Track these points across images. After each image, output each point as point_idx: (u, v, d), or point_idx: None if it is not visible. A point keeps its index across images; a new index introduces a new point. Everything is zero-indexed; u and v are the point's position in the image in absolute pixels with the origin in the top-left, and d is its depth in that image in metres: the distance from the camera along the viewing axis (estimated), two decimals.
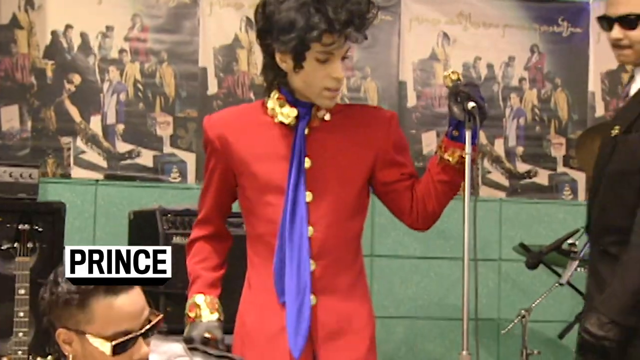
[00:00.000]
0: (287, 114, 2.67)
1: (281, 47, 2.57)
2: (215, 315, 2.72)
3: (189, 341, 2.68)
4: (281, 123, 2.68)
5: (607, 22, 2.88)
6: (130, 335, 2.29)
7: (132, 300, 2.30)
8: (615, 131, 2.89)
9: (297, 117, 2.68)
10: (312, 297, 2.64)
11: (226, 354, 2.50)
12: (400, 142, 2.77)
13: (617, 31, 2.84)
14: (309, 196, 2.67)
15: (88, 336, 2.31)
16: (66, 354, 2.37)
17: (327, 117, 2.71)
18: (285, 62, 2.61)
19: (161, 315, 2.36)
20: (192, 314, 2.73)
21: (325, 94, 2.64)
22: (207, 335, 2.69)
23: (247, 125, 2.73)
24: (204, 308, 2.73)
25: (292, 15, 2.52)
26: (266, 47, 2.63)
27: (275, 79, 2.67)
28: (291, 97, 2.67)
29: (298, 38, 2.53)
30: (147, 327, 2.32)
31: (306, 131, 2.69)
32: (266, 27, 2.58)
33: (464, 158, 2.69)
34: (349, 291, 2.69)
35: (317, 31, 2.52)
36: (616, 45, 2.87)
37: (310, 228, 2.66)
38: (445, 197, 2.74)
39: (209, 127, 2.75)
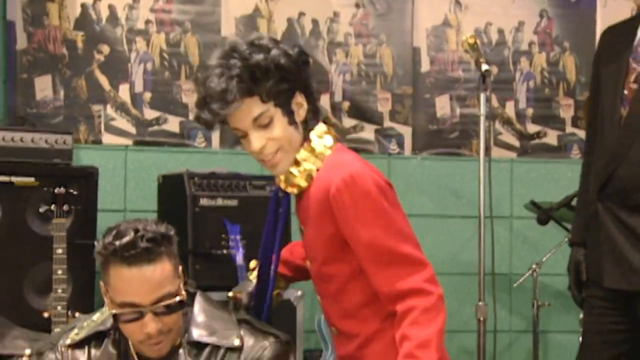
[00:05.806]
0: None
1: None
2: (252, 282, 2.78)
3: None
4: None
5: None
6: (133, 309, 2.25)
7: (143, 276, 2.24)
8: None
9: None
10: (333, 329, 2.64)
11: (271, 331, 2.49)
12: (345, 219, 2.43)
13: None
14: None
15: (107, 297, 2.34)
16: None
17: (293, 190, 2.55)
18: None
19: (177, 299, 2.29)
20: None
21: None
22: (230, 294, 2.77)
23: None
24: (254, 273, 2.81)
25: None
26: None
27: None
28: None
29: None
30: (157, 305, 2.26)
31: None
32: None
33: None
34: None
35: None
36: None
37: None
38: None
39: None
